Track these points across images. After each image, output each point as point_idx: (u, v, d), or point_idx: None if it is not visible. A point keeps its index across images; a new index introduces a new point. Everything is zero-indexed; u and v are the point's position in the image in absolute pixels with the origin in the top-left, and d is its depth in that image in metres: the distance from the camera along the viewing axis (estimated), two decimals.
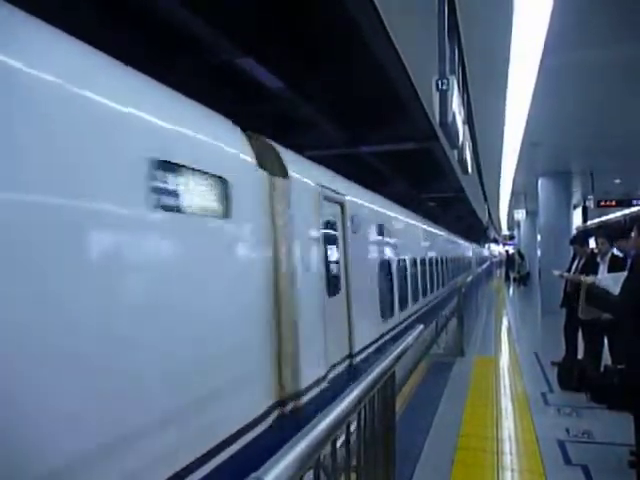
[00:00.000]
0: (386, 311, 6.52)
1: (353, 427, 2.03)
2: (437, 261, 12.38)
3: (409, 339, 2.99)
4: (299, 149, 4.40)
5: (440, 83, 3.79)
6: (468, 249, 24.68)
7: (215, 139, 2.93)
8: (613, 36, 5.19)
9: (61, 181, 1.82)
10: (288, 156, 3.76)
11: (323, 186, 4.34)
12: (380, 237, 6.65)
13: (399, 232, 8.05)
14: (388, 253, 7.07)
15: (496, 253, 54.47)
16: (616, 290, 3.62)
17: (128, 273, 2.09)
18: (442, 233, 15.22)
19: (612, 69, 6.03)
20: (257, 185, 3.26)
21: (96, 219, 1.95)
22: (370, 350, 5.42)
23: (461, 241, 22.03)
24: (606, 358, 5.57)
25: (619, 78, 6.31)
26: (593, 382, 5.07)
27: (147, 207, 2.21)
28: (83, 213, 1.88)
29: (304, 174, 4.01)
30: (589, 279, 4.07)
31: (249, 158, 3.20)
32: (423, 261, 10.13)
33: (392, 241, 7.38)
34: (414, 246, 9.65)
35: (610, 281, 3.89)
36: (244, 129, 3.32)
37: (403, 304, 7.69)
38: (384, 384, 2.44)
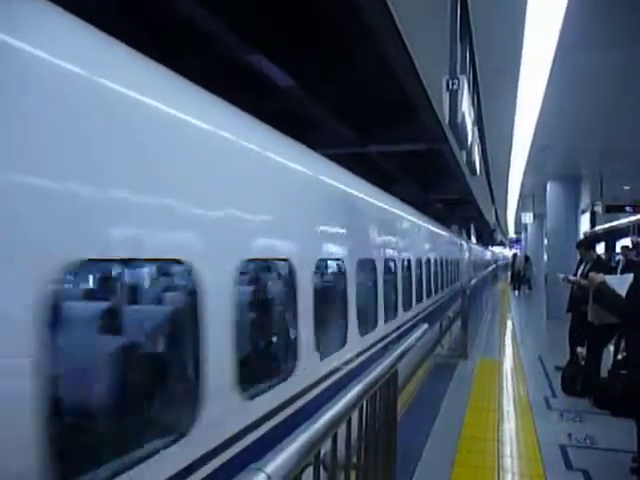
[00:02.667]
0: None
1: (355, 425, 2.03)
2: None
3: (412, 339, 2.98)
4: (309, 148, 4.39)
5: (450, 83, 3.78)
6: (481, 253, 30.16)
7: None
8: (626, 40, 5.15)
9: None
10: None
11: None
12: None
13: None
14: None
15: (502, 256, 54.18)
16: (623, 292, 3.57)
17: None
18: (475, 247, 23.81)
19: (625, 73, 5.98)
20: None
21: None
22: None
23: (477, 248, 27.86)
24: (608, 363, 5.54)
25: (632, 82, 6.27)
26: (597, 388, 5.01)
27: None
28: None
29: None
30: (599, 277, 3.93)
31: None
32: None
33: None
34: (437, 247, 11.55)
35: (616, 281, 3.82)
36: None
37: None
38: (386, 382, 2.43)
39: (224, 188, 2.60)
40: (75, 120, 1.76)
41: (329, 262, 4.48)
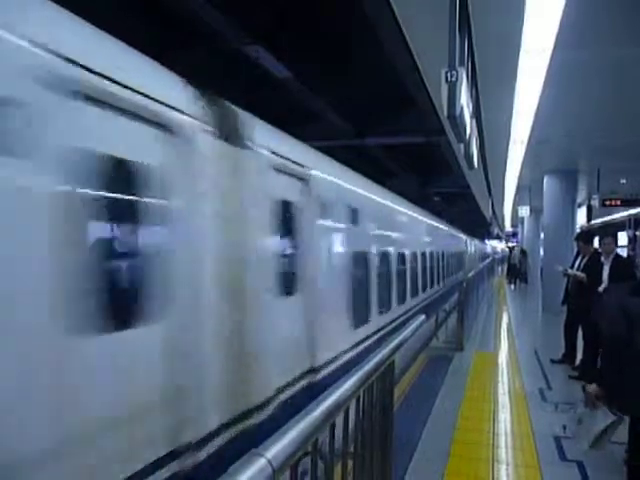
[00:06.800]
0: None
1: (352, 415, 2.05)
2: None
3: (408, 330, 2.99)
4: (306, 139, 4.38)
5: (449, 75, 3.77)
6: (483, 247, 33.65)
7: None
8: (625, 35, 5.14)
9: None
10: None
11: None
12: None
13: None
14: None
15: (498, 250, 54.29)
16: None
17: None
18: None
19: (623, 68, 5.98)
20: None
21: None
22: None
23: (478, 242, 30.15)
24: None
25: (630, 77, 6.27)
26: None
27: None
28: None
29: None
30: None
31: None
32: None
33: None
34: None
35: None
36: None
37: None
38: (383, 373, 2.45)
39: None
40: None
41: None
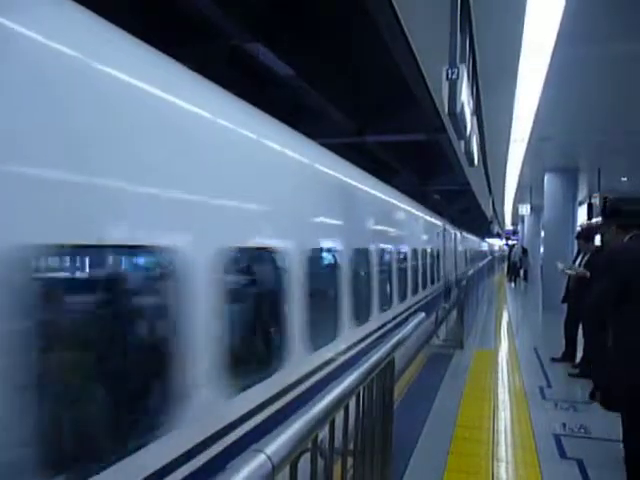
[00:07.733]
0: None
1: (352, 413, 2.05)
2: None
3: (408, 327, 2.99)
4: (307, 137, 4.39)
5: (450, 72, 3.76)
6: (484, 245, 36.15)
7: None
8: (626, 32, 5.13)
9: None
10: None
11: None
12: None
13: None
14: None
15: (496, 248, 54.22)
16: None
17: None
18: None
19: (624, 65, 5.96)
20: None
21: None
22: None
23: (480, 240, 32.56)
24: None
25: (631, 75, 6.25)
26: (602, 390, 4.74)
27: None
28: None
29: None
30: None
31: None
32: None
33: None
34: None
35: None
36: None
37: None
38: (383, 370, 2.45)
39: None
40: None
41: None
